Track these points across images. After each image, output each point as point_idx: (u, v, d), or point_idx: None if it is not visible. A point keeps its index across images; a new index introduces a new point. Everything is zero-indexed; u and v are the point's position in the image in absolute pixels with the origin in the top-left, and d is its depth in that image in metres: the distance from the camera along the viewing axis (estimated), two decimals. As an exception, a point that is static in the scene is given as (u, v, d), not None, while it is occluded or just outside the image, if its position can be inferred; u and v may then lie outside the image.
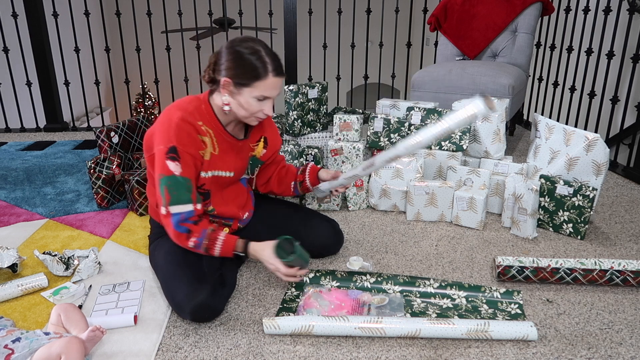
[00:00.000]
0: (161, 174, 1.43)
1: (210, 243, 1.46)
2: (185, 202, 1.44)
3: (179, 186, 1.43)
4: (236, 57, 1.42)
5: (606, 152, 1.90)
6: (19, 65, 3.55)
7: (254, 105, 1.46)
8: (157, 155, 1.45)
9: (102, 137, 2.32)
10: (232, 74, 1.42)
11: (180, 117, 1.45)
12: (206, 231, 1.46)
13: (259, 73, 1.41)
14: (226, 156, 1.57)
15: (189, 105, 1.51)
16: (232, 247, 1.49)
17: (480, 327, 1.36)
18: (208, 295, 1.42)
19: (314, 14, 3.64)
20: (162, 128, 1.45)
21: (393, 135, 2.33)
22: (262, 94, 1.44)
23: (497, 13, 3.03)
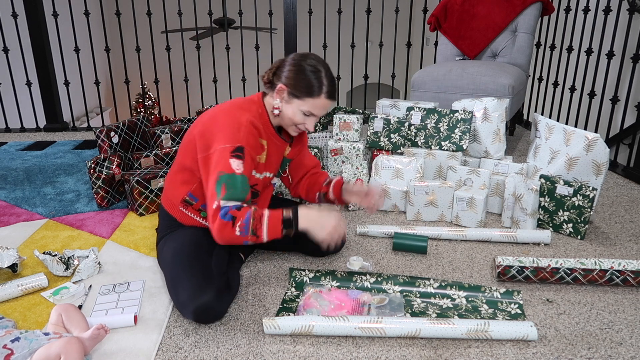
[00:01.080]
0: (221, 171, 1.43)
1: (256, 222, 1.42)
2: (238, 199, 1.43)
3: (237, 184, 1.43)
4: (298, 70, 1.50)
5: (606, 152, 1.90)
6: (19, 65, 3.56)
7: (299, 117, 1.54)
8: (219, 153, 1.44)
9: (102, 137, 2.32)
10: (289, 83, 1.50)
11: (249, 120, 1.49)
12: (250, 212, 1.42)
13: (313, 91, 1.50)
14: (272, 158, 1.64)
15: (252, 107, 1.56)
16: (280, 220, 1.44)
17: (480, 327, 1.36)
18: (213, 298, 1.42)
19: (314, 14, 3.64)
20: (230, 127, 1.47)
21: (393, 135, 2.34)
22: (310, 110, 1.52)
23: (497, 13, 3.03)
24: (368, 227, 1.98)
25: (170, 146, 2.50)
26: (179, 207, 1.63)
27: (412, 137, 2.33)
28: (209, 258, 1.54)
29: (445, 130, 2.26)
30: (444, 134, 2.26)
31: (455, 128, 2.24)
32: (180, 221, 1.65)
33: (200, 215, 1.63)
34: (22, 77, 3.55)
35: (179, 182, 1.63)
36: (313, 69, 1.50)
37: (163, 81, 3.90)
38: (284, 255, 1.83)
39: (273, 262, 1.79)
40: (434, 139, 2.28)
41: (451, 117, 2.25)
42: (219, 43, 4.55)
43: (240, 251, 1.75)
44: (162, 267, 1.62)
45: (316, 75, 1.50)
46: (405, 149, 2.33)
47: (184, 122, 2.71)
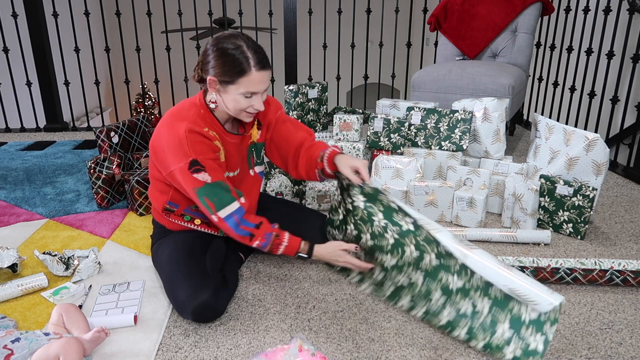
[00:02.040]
0: (194, 187, 1.42)
1: (274, 247, 1.50)
2: (228, 202, 1.44)
3: (215, 190, 1.43)
4: (218, 55, 1.40)
5: (606, 152, 1.90)
6: (19, 65, 3.55)
7: (242, 102, 1.44)
8: (180, 174, 1.43)
9: (102, 137, 2.32)
10: (216, 72, 1.41)
11: (187, 129, 1.42)
12: (270, 236, 1.48)
13: (242, 69, 1.39)
14: (231, 158, 1.58)
15: (189, 112, 1.47)
16: (296, 249, 1.53)
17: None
18: (210, 296, 1.42)
19: (314, 14, 3.64)
20: (172, 145, 1.42)
21: (393, 135, 2.33)
22: (248, 90, 1.41)
23: (497, 13, 3.03)
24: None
25: (170, 146, 2.50)
26: (163, 216, 1.64)
27: (412, 137, 2.33)
28: (204, 257, 1.54)
29: (445, 130, 2.26)
30: (444, 134, 2.26)
31: (455, 128, 2.24)
32: (169, 228, 1.66)
33: (184, 219, 1.62)
34: (22, 77, 3.55)
35: (156, 191, 1.62)
36: (233, 46, 1.38)
37: (163, 81, 3.90)
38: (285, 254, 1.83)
39: (273, 262, 1.78)
40: (434, 139, 2.28)
41: (451, 117, 2.25)
42: (219, 43, 4.55)
43: (240, 251, 1.75)
44: (158, 270, 1.62)
45: (239, 51, 1.38)
46: (405, 149, 2.33)
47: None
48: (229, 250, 1.69)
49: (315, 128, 2.54)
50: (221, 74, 1.40)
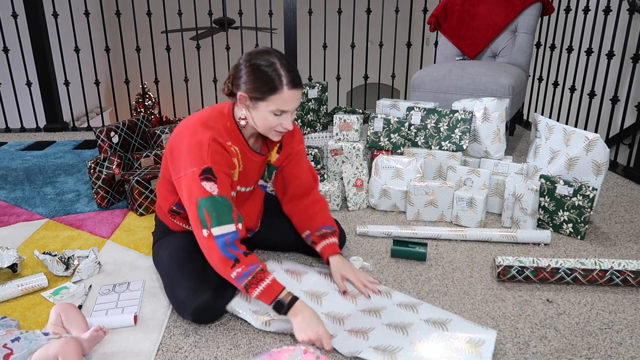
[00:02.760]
0: (198, 196, 1.36)
1: (253, 281, 1.35)
2: (227, 222, 1.36)
3: (218, 206, 1.36)
4: (251, 71, 1.37)
5: (606, 152, 1.90)
6: (19, 65, 3.55)
7: (272, 120, 1.41)
8: (188, 178, 1.38)
9: (102, 137, 2.32)
10: (247, 88, 1.38)
11: (211, 137, 1.39)
12: (255, 268, 1.36)
13: (274, 87, 1.36)
14: (248, 173, 1.56)
15: (216, 123, 1.44)
16: (275, 295, 1.36)
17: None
18: (211, 297, 1.42)
19: (314, 14, 3.64)
20: (191, 149, 1.39)
21: (393, 135, 2.33)
22: (279, 108, 1.39)
23: (497, 13, 3.03)
24: (368, 227, 1.98)
25: (170, 146, 2.50)
26: (168, 217, 1.63)
27: (412, 137, 2.32)
28: (204, 259, 1.53)
29: (445, 130, 2.26)
30: (444, 134, 2.26)
31: (455, 128, 2.24)
32: (172, 229, 1.66)
33: (188, 223, 1.62)
34: (22, 77, 3.55)
35: (166, 191, 1.60)
36: (266, 63, 1.36)
37: (163, 81, 3.90)
38: (284, 255, 1.83)
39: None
40: (434, 139, 2.28)
41: (451, 117, 2.25)
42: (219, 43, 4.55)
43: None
44: (159, 269, 1.62)
45: (272, 68, 1.35)
46: (405, 149, 2.33)
47: (184, 122, 2.71)
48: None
49: (315, 128, 2.54)
50: (252, 90, 1.37)
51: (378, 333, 1.38)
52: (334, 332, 1.38)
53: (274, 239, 1.79)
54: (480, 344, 1.31)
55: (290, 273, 1.62)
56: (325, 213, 1.69)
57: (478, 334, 1.35)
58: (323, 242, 1.63)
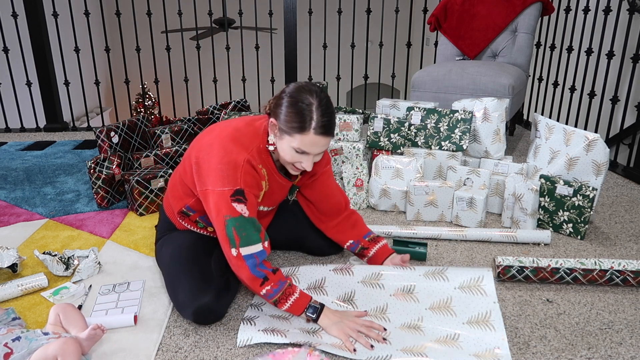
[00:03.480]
0: (228, 215, 1.36)
1: (283, 296, 1.38)
2: (255, 242, 1.37)
3: (247, 226, 1.36)
4: (288, 104, 1.36)
5: (606, 152, 1.90)
6: (19, 65, 3.55)
7: (293, 155, 1.40)
8: (219, 196, 1.37)
9: (102, 137, 2.32)
10: (280, 118, 1.37)
11: (246, 160, 1.39)
12: (283, 284, 1.38)
13: (301, 127, 1.34)
14: (273, 195, 1.56)
15: (251, 143, 1.43)
16: (305, 307, 1.39)
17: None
18: (212, 299, 1.42)
19: (314, 14, 3.64)
20: (224, 168, 1.37)
21: (393, 135, 2.33)
22: (300, 148, 1.37)
23: (497, 13, 3.03)
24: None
25: (170, 146, 2.50)
26: (176, 217, 1.62)
27: (412, 137, 2.32)
28: (208, 259, 1.54)
29: (445, 130, 2.26)
30: (444, 134, 2.26)
31: (455, 128, 2.24)
32: (178, 228, 1.65)
33: (197, 226, 1.62)
34: (22, 77, 3.55)
35: (180, 191, 1.58)
36: (305, 102, 1.34)
37: (163, 81, 3.90)
38: (284, 255, 1.83)
39: (273, 262, 1.78)
40: (434, 139, 2.28)
41: (451, 117, 2.25)
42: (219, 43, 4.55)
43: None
44: (161, 267, 1.61)
45: (307, 108, 1.33)
46: (405, 149, 2.33)
47: (184, 122, 2.71)
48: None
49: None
50: (282, 122, 1.36)
51: (397, 337, 1.37)
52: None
53: (276, 238, 1.79)
54: (497, 354, 1.31)
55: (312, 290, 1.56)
56: (363, 222, 1.71)
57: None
58: (376, 246, 1.65)
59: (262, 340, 1.34)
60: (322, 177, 1.65)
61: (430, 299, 1.44)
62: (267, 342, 1.34)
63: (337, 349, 1.32)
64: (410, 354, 1.30)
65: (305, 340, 1.33)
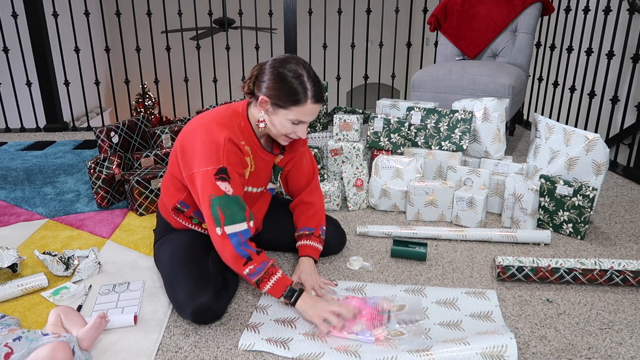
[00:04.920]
0: (212, 194, 1.39)
1: (265, 276, 1.42)
2: (239, 220, 1.40)
3: (231, 204, 1.39)
4: (276, 79, 1.39)
5: (606, 152, 1.90)
6: (19, 65, 3.55)
7: (288, 127, 1.44)
8: (203, 176, 1.40)
9: (102, 137, 2.32)
10: (270, 94, 1.39)
11: (227, 138, 1.41)
12: (266, 264, 1.42)
13: (298, 98, 1.39)
14: (260, 174, 1.57)
15: (231, 122, 1.46)
16: (284, 289, 1.43)
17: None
18: (211, 298, 1.42)
19: (314, 14, 3.64)
20: (206, 148, 1.40)
21: (393, 135, 2.33)
22: (298, 119, 1.42)
23: (497, 13, 3.03)
24: (368, 227, 1.98)
25: (170, 146, 2.50)
26: (171, 214, 1.63)
27: (412, 137, 2.32)
28: (206, 259, 1.54)
29: (445, 130, 2.26)
30: (444, 134, 2.26)
31: (455, 128, 2.24)
32: (174, 227, 1.65)
33: (192, 222, 1.62)
34: (22, 77, 3.55)
35: (171, 188, 1.60)
36: (294, 74, 1.38)
37: (163, 81, 3.90)
38: (284, 255, 1.83)
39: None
40: (434, 139, 2.28)
41: (451, 117, 2.25)
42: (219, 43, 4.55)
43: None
44: (159, 268, 1.62)
45: (299, 80, 1.38)
46: (405, 149, 2.33)
47: (184, 122, 2.71)
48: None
49: (315, 128, 2.54)
50: (276, 97, 1.39)
51: (404, 342, 1.36)
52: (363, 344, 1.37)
53: (276, 239, 1.79)
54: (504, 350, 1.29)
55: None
56: (311, 215, 1.71)
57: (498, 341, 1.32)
58: (298, 242, 1.69)
59: (264, 350, 1.34)
60: (300, 157, 1.70)
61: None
62: (269, 352, 1.34)
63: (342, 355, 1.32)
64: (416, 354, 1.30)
65: (310, 351, 1.33)
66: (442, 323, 1.44)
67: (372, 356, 1.30)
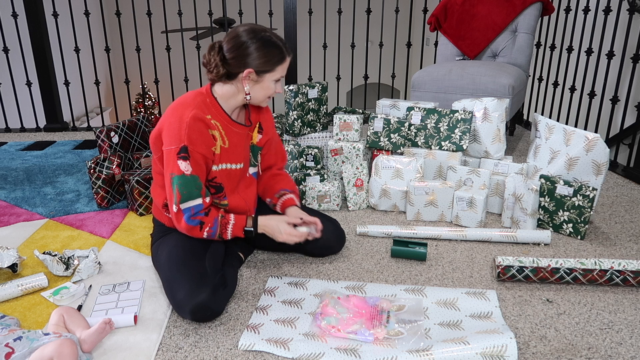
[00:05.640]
0: (172, 172, 1.47)
1: (222, 228, 1.54)
2: (194, 197, 1.49)
3: (188, 185, 1.47)
4: (261, 45, 1.47)
5: (606, 152, 1.90)
6: (19, 65, 3.55)
7: (272, 87, 1.54)
8: (167, 155, 1.48)
9: (102, 137, 2.32)
10: (257, 62, 1.47)
11: (191, 115, 1.47)
12: (217, 219, 1.53)
13: (283, 56, 1.50)
14: (236, 148, 1.61)
15: (195, 100, 1.52)
16: (243, 225, 1.56)
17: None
18: (209, 296, 1.42)
19: (314, 14, 3.64)
20: (172, 127, 1.47)
21: (393, 135, 2.33)
22: (281, 75, 1.53)
23: (497, 13, 3.03)
24: (368, 227, 1.98)
25: (170, 146, 2.50)
26: (163, 212, 1.64)
27: (412, 137, 2.32)
28: (203, 257, 1.54)
29: (445, 130, 2.26)
30: (444, 134, 2.26)
31: (455, 128, 2.24)
32: (169, 226, 1.66)
33: None
34: (22, 77, 3.55)
35: (158, 187, 1.65)
36: (270, 37, 1.49)
37: (163, 81, 3.90)
38: (284, 255, 1.83)
39: (273, 262, 1.79)
40: (434, 139, 2.28)
41: (451, 117, 2.25)
42: (219, 43, 4.55)
43: (240, 251, 1.75)
44: (157, 269, 1.62)
45: (272, 39, 1.49)
46: (405, 149, 2.33)
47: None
48: (228, 250, 1.70)
49: (315, 128, 2.54)
50: (263, 63, 1.48)
51: (403, 341, 1.36)
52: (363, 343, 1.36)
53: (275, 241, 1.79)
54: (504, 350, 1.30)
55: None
56: (285, 182, 1.80)
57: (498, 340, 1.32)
58: (281, 200, 1.75)
59: (264, 350, 1.34)
60: (272, 137, 1.78)
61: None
62: (269, 352, 1.34)
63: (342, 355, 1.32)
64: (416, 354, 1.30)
65: (310, 351, 1.33)
66: (442, 323, 1.44)
67: (372, 356, 1.30)
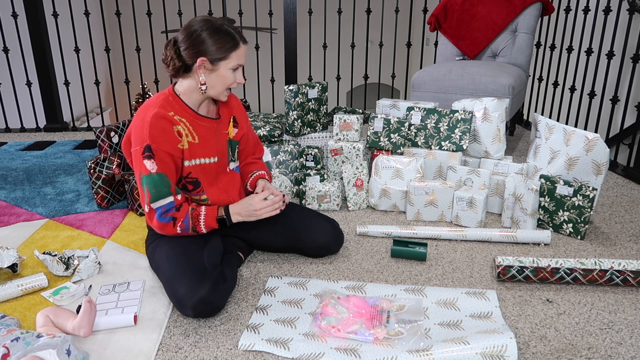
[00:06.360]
0: (140, 173, 1.50)
1: (194, 221, 1.56)
2: (164, 196, 1.51)
3: (156, 184, 1.49)
4: (212, 33, 1.48)
5: (606, 152, 1.90)
6: (19, 65, 3.55)
7: (229, 77, 1.54)
8: (134, 156, 1.52)
9: (102, 137, 2.32)
10: (210, 50, 1.49)
11: (152, 114, 1.49)
12: (188, 212, 1.55)
13: (235, 43, 1.51)
14: (207, 142, 1.62)
15: (157, 100, 1.55)
16: (215, 215, 1.58)
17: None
18: (210, 290, 1.42)
19: (314, 14, 3.64)
20: (137, 129, 1.51)
21: (393, 135, 2.33)
22: (237, 63, 1.53)
23: (497, 13, 3.03)
24: (368, 227, 1.98)
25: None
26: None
27: (412, 137, 2.32)
28: (201, 254, 1.55)
29: (445, 130, 2.26)
30: (444, 134, 2.26)
31: (455, 128, 2.24)
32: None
33: None
34: (22, 77, 3.55)
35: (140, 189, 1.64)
36: (221, 25, 1.50)
37: (163, 81, 3.90)
38: (284, 255, 1.83)
39: (273, 262, 1.79)
40: (434, 139, 2.28)
41: (451, 117, 2.25)
42: (219, 43, 4.54)
43: (239, 251, 1.75)
44: (156, 271, 1.63)
45: (225, 27, 1.50)
46: (405, 149, 2.33)
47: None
48: (228, 250, 1.70)
49: (315, 128, 2.54)
50: (216, 51, 1.49)
51: (403, 341, 1.36)
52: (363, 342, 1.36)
53: (274, 243, 1.80)
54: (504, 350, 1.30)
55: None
56: (258, 166, 1.84)
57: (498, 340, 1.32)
58: (251, 178, 1.79)
59: (264, 350, 1.34)
60: (248, 132, 1.81)
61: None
62: (269, 352, 1.34)
63: (342, 355, 1.32)
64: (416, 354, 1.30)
65: (310, 351, 1.32)
66: (442, 323, 1.44)
67: (372, 356, 1.30)
